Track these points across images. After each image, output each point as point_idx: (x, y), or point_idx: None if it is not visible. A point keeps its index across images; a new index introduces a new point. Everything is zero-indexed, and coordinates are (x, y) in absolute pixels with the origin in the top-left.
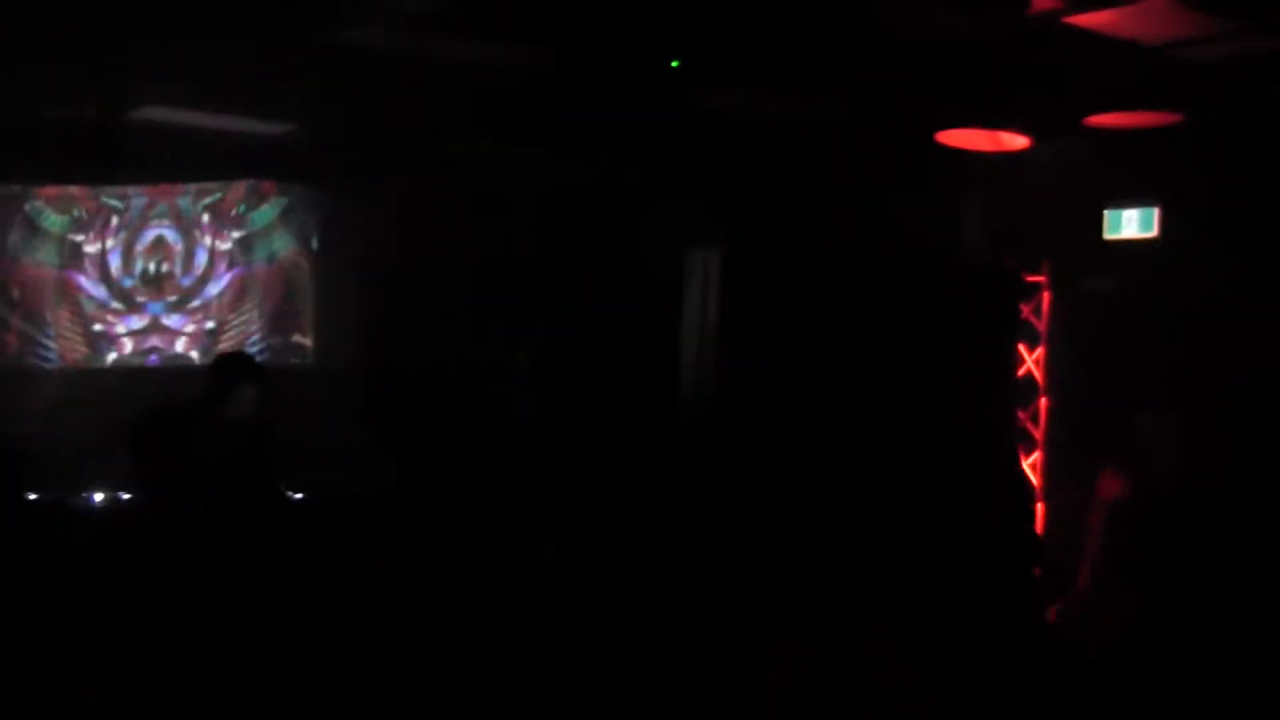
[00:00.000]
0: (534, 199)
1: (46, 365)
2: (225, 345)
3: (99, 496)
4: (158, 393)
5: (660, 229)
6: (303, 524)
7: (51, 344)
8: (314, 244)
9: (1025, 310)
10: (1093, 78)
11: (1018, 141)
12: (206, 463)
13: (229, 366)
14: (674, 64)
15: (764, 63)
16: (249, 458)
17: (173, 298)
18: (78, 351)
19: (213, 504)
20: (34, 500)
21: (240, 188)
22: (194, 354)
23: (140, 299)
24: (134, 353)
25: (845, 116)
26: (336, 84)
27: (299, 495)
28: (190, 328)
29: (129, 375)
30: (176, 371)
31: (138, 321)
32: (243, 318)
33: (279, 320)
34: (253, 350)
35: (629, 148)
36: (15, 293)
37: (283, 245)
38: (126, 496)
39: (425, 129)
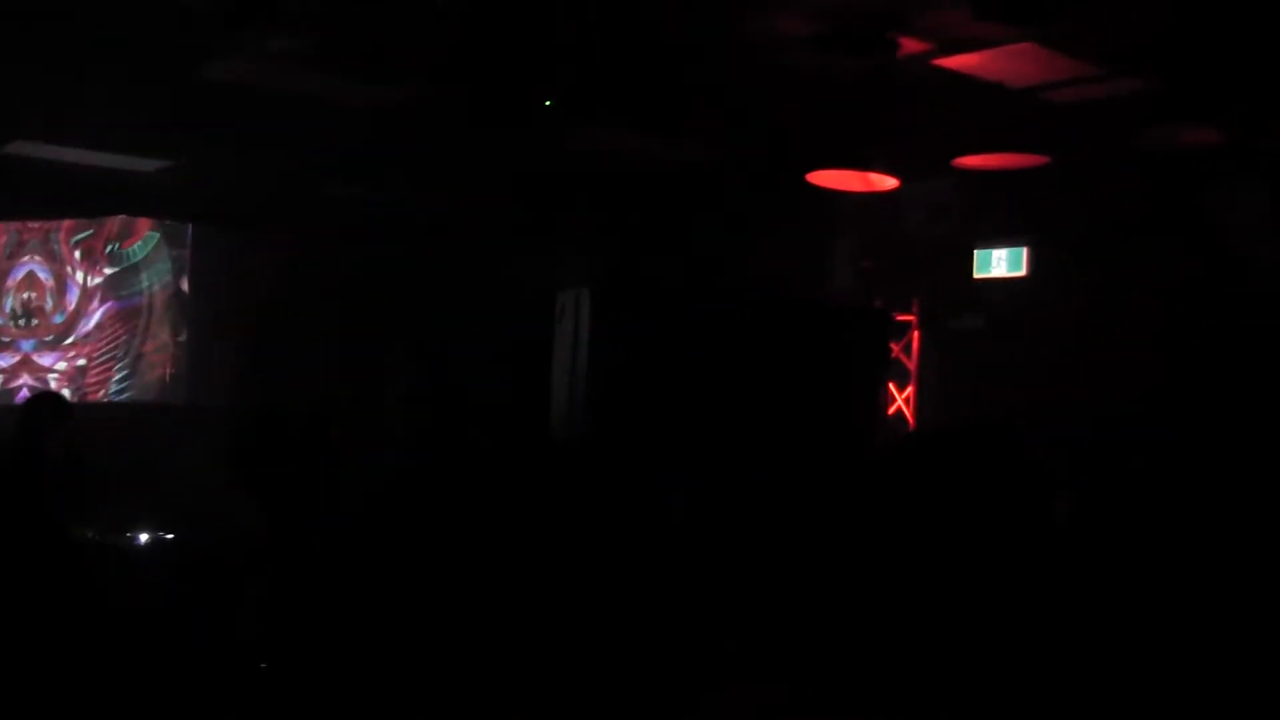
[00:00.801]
0: (405, 237)
1: None
2: (94, 383)
3: None
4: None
5: (532, 267)
6: (83, 567)
7: None
8: (184, 281)
9: (895, 349)
10: (962, 119)
11: (888, 182)
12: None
13: (38, 407)
14: (547, 103)
15: (634, 103)
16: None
17: (44, 335)
18: None
19: None
20: None
21: (114, 223)
22: (65, 392)
23: (10, 337)
24: (4, 390)
25: (716, 157)
26: (207, 121)
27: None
28: (62, 365)
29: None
30: None
31: (7, 359)
32: (113, 355)
33: (149, 357)
34: (121, 387)
35: (500, 186)
36: None
37: (154, 282)
38: None
39: (295, 167)
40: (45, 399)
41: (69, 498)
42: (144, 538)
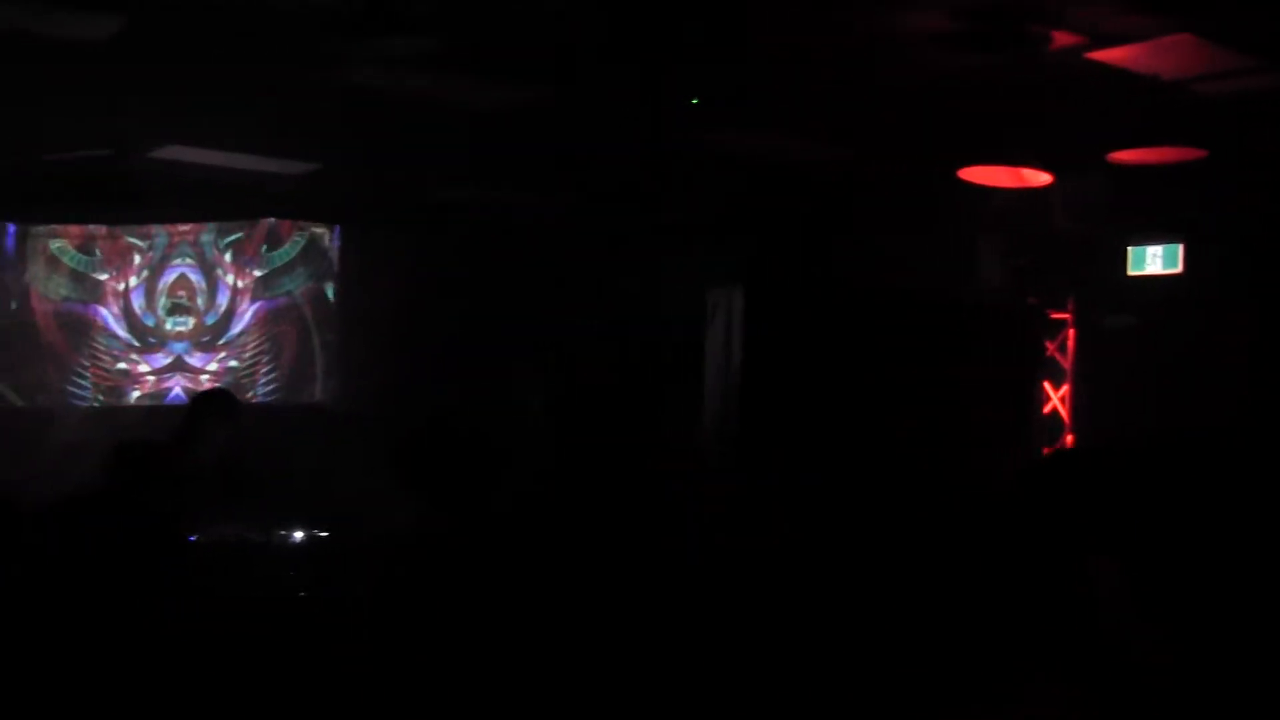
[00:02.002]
0: (550, 240)
1: (78, 404)
2: (245, 383)
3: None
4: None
5: (681, 268)
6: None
7: (85, 382)
8: (331, 283)
9: (1050, 347)
10: (1116, 113)
11: (1041, 178)
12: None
13: (204, 405)
14: (694, 101)
15: (783, 102)
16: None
17: (196, 336)
18: (102, 390)
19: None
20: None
21: (262, 227)
22: None
23: (163, 337)
24: (156, 391)
25: (868, 155)
26: (351, 125)
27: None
28: (213, 366)
29: (151, 414)
30: None
31: (161, 360)
32: (262, 356)
33: (298, 359)
34: (270, 389)
35: (647, 186)
36: (41, 334)
37: (301, 284)
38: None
39: (437, 170)
40: (214, 396)
41: (228, 495)
42: (298, 535)
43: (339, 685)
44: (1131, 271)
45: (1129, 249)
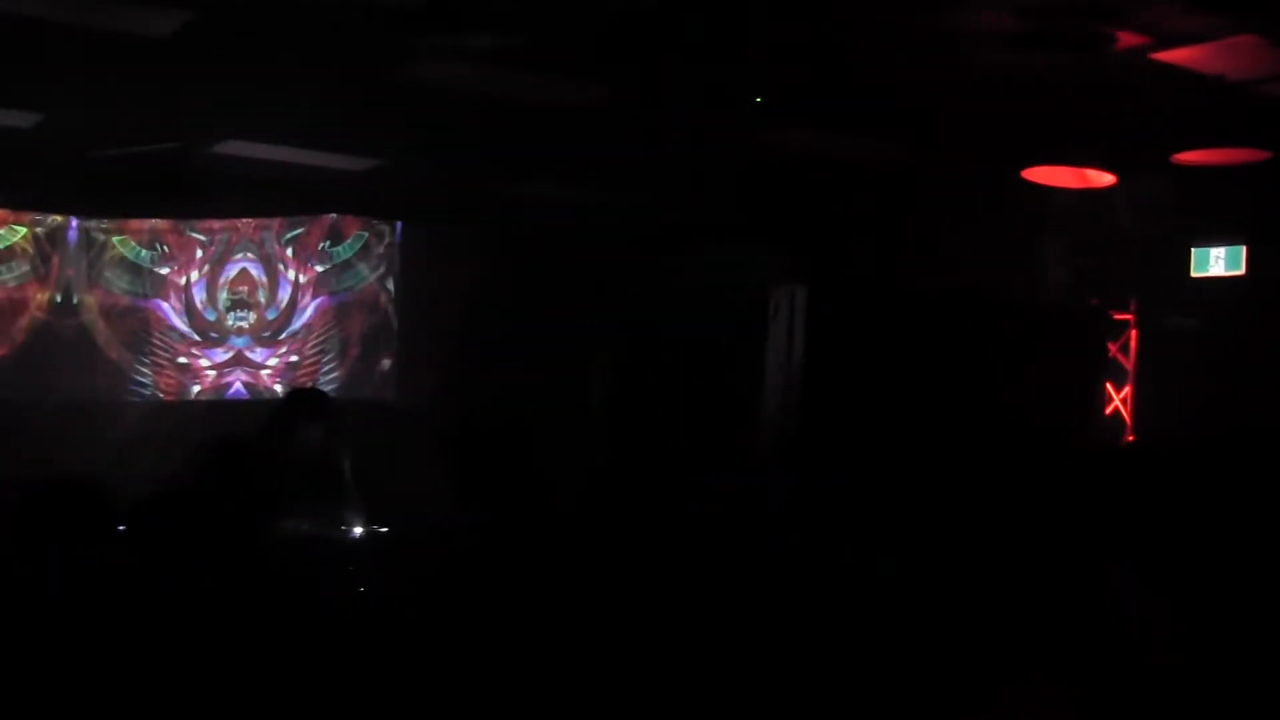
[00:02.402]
0: (612, 237)
1: (138, 399)
2: (305, 379)
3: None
4: (239, 426)
5: (741, 267)
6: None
7: (145, 377)
8: (392, 280)
9: (1113, 348)
10: (1180, 114)
11: (1104, 179)
12: (262, 497)
13: (296, 403)
14: (758, 100)
15: (847, 101)
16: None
17: (257, 331)
18: (164, 384)
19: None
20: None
21: (324, 222)
22: (277, 387)
23: (224, 332)
24: (217, 385)
25: (931, 155)
26: (412, 121)
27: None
28: (273, 361)
29: (211, 408)
30: (259, 404)
31: (221, 354)
32: (323, 352)
33: (358, 355)
34: (331, 385)
35: (709, 185)
36: (104, 327)
37: (362, 280)
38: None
39: (497, 167)
40: (306, 394)
41: (319, 494)
42: (358, 531)
43: (400, 681)
44: (1195, 273)
45: (1192, 250)
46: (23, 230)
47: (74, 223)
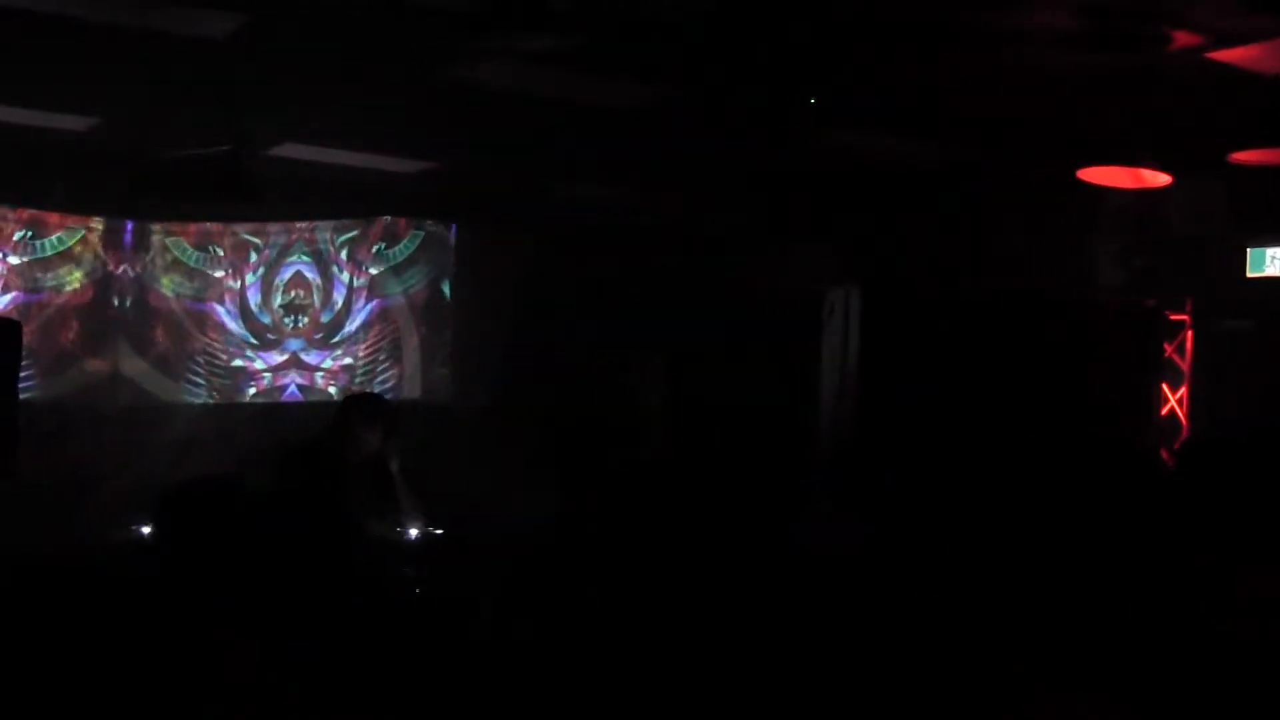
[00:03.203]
0: (667, 237)
1: (193, 401)
2: (361, 381)
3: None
4: (294, 428)
5: (795, 268)
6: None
7: (199, 379)
8: (448, 282)
9: (1168, 349)
10: (1236, 114)
11: (1160, 178)
12: (322, 498)
13: (354, 407)
14: (812, 101)
15: (902, 102)
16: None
17: (312, 334)
18: (218, 387)
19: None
20: None
21: (378, 224)
22: (332, 389)
23: (279, 335)
24: (272, 388)
25: (986, 156)
26: (466, 124)
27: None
28: (329, 363)
29: (266, 411)
30: (315, 407)
31: (276, 357)
32: (379, 354)
33: (414, 357)
34: (387, 387)
35: (763, 186)
36: (157, 330)
37: (418, 282)
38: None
39: (552, 169)
40: (362, 399)
41: (377, 497)
42: (413, 533)
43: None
44: (1251, 273)
45: (1248, 250)
46: (80, 233)
47: (129, 225)
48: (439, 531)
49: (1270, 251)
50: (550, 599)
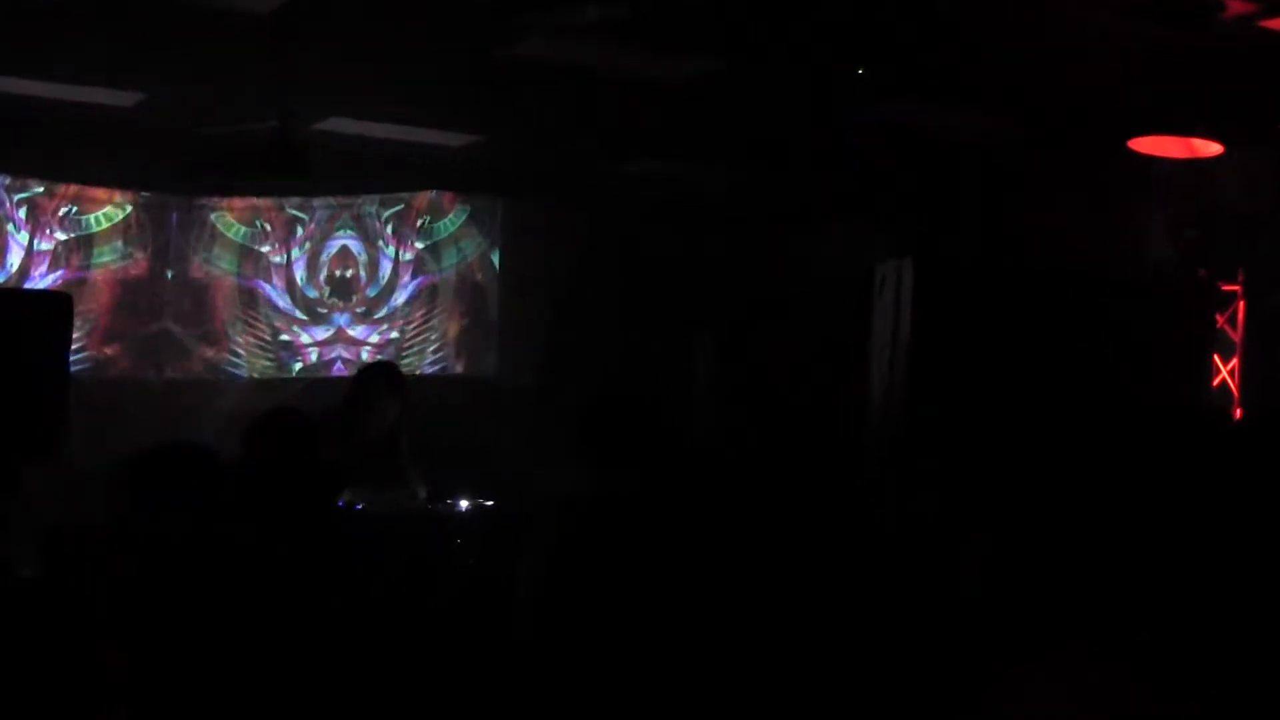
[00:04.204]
0: (718, 212)
1: (236, 376)
2: (410, 356)
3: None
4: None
5: (844, 241)
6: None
7: (240, 356)
8: (495, 256)
9: (1220, 320)
10: None
11: (1212, 148)
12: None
13: (372, 377)
14: (859, 72)
15: (952, 74)
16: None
17: (358, 308)
18: (264, 362)
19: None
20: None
21: (424, 199)
22: None
23: (325, 309)
24: (319, 363)
25: (1038, 127)
26: (513, 97)
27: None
28: (375, 338)
29: (315, 386)
30: None
31: (323, 332)
32: (427, 328)
33: (463, 332)
34: (438, 361)
35: (816, 160)
36: (204, 305)
37: (465, 257)
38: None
39: (598, 144)
40: (380, 368)
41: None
42: (464, 504)
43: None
44: None
45: None
46: (128, 208)
47: (175, 202)
48: (489, 504)
49: None
50: (598, 575)
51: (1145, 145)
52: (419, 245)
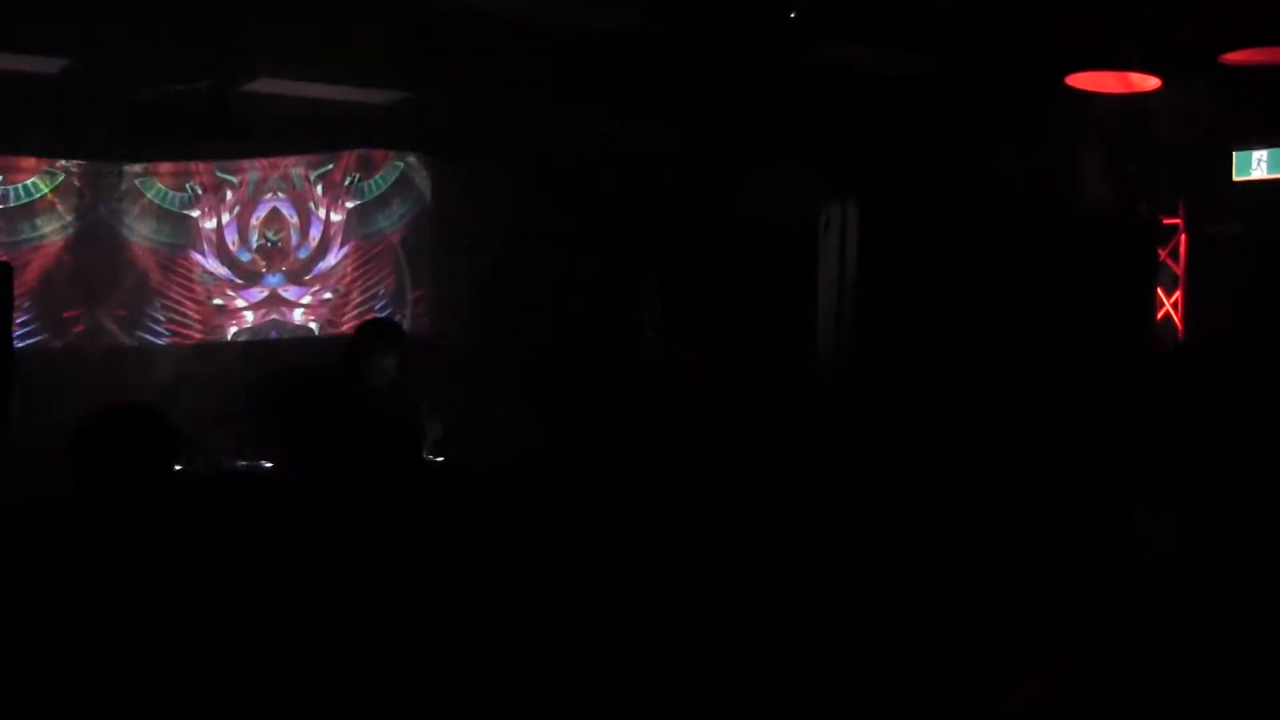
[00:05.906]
0: (644, 165)
1: (176, 342)
2: (339, 316)
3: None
4: (278, 365)
5: (788, 185)
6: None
7: (175, 322)
8: (427, 213)
9: (1162, 254)
10: (1227, 13)
11: (1149, 82)
12: (347, 429)
13: (371, 334)
14: (792, 15)
15: (886, 13)
16: (392, 425)
17: (290, 270)
18: (194, 327)
19: (354, 470)
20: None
21: (350, 158)
22: (313, 325)
23: (258, 272)
24: (255, 325)
25: (973, 64)
26: (439, 51)
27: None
28: (308, 299)
29: (249, 349)
30: (296, 344)
31: (257, 294)
32: (361, 289)
33: (393, 290)
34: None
35: (742, 104)
36: (136, 273)
37: (397, 215)
38: (266, 465)
39: (530, 98)
40: (381, 324)
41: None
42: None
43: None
44: (1237, 177)
45: (1234, 154)
46: (59, 177)
47: (103, 169)
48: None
49: (1256, 155)
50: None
51: (1083, 81)
52: (349, 205)
